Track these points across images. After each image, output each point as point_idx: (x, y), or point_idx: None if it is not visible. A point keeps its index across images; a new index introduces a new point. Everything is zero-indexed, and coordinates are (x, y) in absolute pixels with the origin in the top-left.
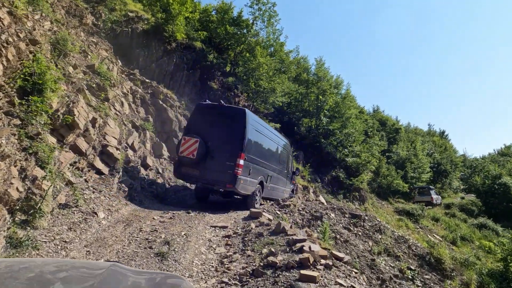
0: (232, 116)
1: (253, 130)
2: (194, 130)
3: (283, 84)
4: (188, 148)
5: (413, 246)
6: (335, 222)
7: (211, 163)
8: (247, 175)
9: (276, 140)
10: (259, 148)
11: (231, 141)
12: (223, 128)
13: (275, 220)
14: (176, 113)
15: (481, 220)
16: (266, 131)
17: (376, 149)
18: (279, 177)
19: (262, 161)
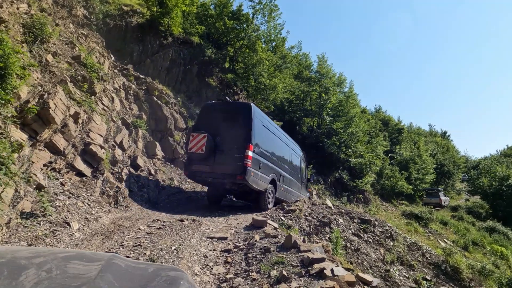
0: (239, 110)
1: (260, 124)
2: (202, 127)
3: (285, 81)
4: (197, 144)
5: (427, 254)
6: (344, 228)
7: (220, 157)
8: (257, 168)
9: (287, 142)
10: (268, 144)
11: (239, 134)
12: (230, 122)
13: (281, 230)
14: (172, 111)
15: (490, 223)
16: (276, 130)
17: (381, 149)
18: (292, 180)
19: (273, 158)
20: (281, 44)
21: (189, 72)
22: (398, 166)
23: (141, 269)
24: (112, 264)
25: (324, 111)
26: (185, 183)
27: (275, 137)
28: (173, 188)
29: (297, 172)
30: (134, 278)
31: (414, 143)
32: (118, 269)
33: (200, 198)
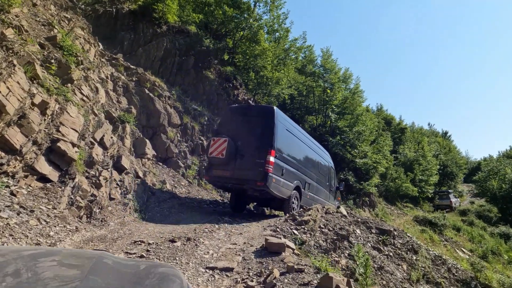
0: (261, 114)
1: (283, 129)
2: (223, 132)
3: (289, 75)
4: (217, 148)
5: (453, 269)
6: (362, 241)
7: (241, 162)
8: (279, 175)
9: (313, 147)
10: (292, 149)
11: (260, 139)
12: (252, 126)
13: (303, 255)
14: (165, 105)
15: (503, 228)
16: (301, 135)
17: (387, 149)
18: (319, 188)
19: (298, 164)
20: (285, 35)
21: (184, 64)
22: (402, 167)
23: (131, 267)
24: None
25: (329, 108)
26: (179, 187)
27: (300, 142)
28: (165, 193)
29: (325, 179)
30: (125, 276)
31: (417, 143)
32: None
33: (196, 204)
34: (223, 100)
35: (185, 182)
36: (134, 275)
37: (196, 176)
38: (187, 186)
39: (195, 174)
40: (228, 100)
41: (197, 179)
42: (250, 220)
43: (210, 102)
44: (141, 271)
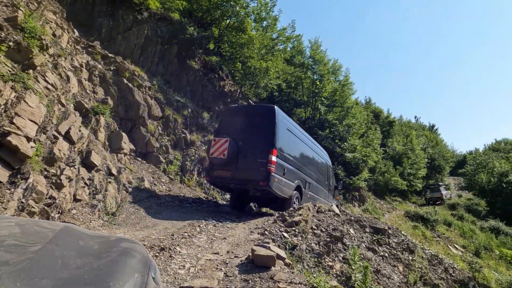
0: (262, 113)
1: (284, 128)
2: (224, 132)
3: (278, 65)
4: (219, 149)
5: (450, 269)
6: (357, 242)
7: (242, 162)
8: (281, 174)
9: (313, 147)
10: (293, 149)
11: (262, 138)
12: (253, 126)
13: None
14: (146, 96)
15: (493, 223)
16: (301, 134)
17: (377, 143)
18: (319, 187)
19: (298, 164)
20: (273, 23)
21: (167, 53)
22: (391, 160)
23: (95, 240)
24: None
25: (318, 100)
26: (159, 184)
27: (300, 141)
28: (142, 191)
29: (324, 178)
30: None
31: (406, 136)
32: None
33: (177, 203)
34: (208, 92)
35: (166, 179)
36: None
37: (178, 172)
38: (168, 183)
39: (178, 170)
40: (214, 92)
41: (180, 175)
42: (235, 221)
43: (194, 93)
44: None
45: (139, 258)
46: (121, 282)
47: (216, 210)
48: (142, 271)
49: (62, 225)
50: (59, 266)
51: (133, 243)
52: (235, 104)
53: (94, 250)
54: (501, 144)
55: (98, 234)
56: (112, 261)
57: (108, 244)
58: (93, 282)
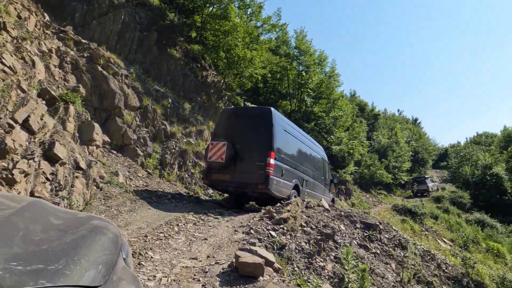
0: (258, 115)
1: (281, 129)
2: (221, 135)
3: (263, 54)
4: (216, 153)
5: (443, 265)
6: (348, 239)
7: (241, 165)
8: (279, 176)
9: (309, 145)
10: (290, 149)
11: (259, 141)
12: (250, 129)
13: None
14: (122, 84)
15: (477, 215)
16: (297, 133)
17: (363, 135)
18: (316, 183)
19: (295, 163)
20: (258, 11)
21: (146, 40)
22: (377, 153)
23: (65, 215)
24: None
25: (304, 92)
26: (135, 179)
27: (297, 140)
28: (115, 187)
29: (320, 174)
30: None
31: (390, 129)
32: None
33: (154, 199)
34: (189, 82)
35: (144, 173)
36: (65, 223)
37: (157, 166)
38: (146, 177)
39: (157, 164)
40: (196, 82)
41: (159, 169)
42: (218, 218)
43: (175, 83)
44: (74, 220)
45: (110, 236)
46: (87, 258)
47: (197, 206)
48: (112, 249)
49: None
50: (18, 238)
51: (105, 222)
52: (218, 95)
53: (62, 226)
54: (482, 138)
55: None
56: (80, 237)
57: (78, 221)
58: (56, 256)
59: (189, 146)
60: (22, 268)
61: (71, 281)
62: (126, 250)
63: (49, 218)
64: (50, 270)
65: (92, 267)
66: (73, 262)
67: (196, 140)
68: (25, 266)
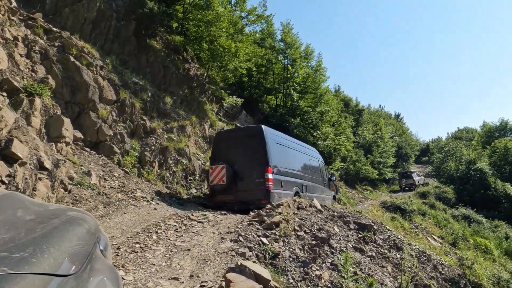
0: (251, 134)
1: (274, 143)
2: (218, 158)
3: (247, 46)
4: (217, 176)
5: (439, 266)
6: (343, 242)
7: (241, 184)
8: (279, 187)
9: (303, 150)
10: (286, 160)
11: (256, 159)
12: (244, 148)
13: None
14: (97, 76)
15: (463, 211)
16: (289, 142)
17: (350, 131)
18: (315, 186)
19: (293, 172)
20: (243, 0)
21: (123, 29)
22: (362, 149)
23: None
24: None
25: (291, 86)
26: (110, 179)
27: (290, 150)
28: (87, 188)
29: (318, 175)
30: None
31: (375, 125)
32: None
33: (132, 202)
34: (170, 74)
35: (120, 173)
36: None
37: (135, 164)
38: (122, 177)
39: (135, 162)
40: (177, 74)
41: (138, 167)
42: (203, 222)
43: (155, 75)
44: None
45: (85, 227)
46: (57, 246)
47: (179, 208)
48: (88, 240)
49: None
50: None
51: (82, 213)
52: (201, 89)
53: (36, 217)
54: (463, 133)
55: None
56: (53, 228)
57: (53, 212)
58: (23, 245)
59: (170, 143)
60: None
61: (37, 269)
62: (104, 242)
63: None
64: (14, 258)
65: (62, 256)
66: (41, 251)
67: (178, 136)
68: None
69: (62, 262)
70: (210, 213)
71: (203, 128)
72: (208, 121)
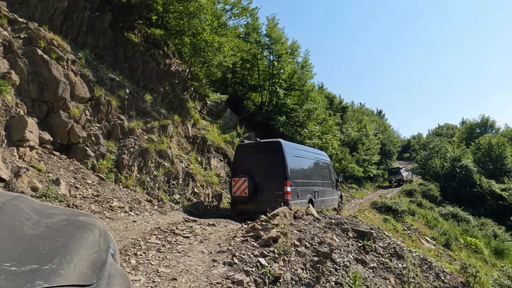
0: (271, 149)
1: (292, 156)
2: (240, 170)
3: (232, 40)
4: (240, 188)
5: (441, 274)
6: (344, 254)
7: (262, 195)
8: (296, 198)
9: (314, 157)
10: (301, 170)
11: (275, 173)
12: (265, 162)
13: None
14: (68, 71)
15: (451, 209)
16: (304, 152)
17: (336, 129)
18: (325, 189)
19: (307, 181)
20: None
21: (98, 21)
22: (347, 147)
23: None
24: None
25: (277, 82)
26: (82, 187)
27: (304, 159)
28: (53, 200)
29: (328, 179)
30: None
31: (359, 122)
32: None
33: (108, 213)
34: (150, 70)
35: (94, 179)
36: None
37: (112, 169)
38: (97, 184)
39: (112, 166)
40: (158, 70)
41: (115, 172)
42: (189, 237)
43: (134, 71)
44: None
45: (97, 232)
46: (79, 256)
47: (162, 218)
48: (101, 246)
49: (15, 194)
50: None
51: (91, 218)
52: (183, 86)
53: (50, 222)
54: (443, 129)
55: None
56: (69, 235)
57: (65, 217)
58: (48, 255)
59: (151, 144)
60: (17, 269)
61: (66, 280)
62: (113, 245)
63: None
64: (45, 270)
65: (85, 265)
66: (67, 262)
67: (159, 136)
68: (19, 267)
69: (85, 271)
70: (196, 225)
71: (186, 128)
72: (191, 120)
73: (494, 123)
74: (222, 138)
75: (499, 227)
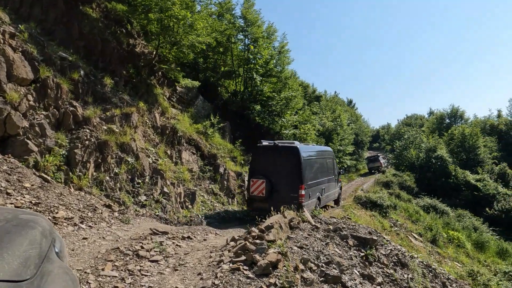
0: (288, 153)
1: (306, 161)
2: (258, 171)
3: (205, 18)
4: (257, 188)
5: (447, 282)
6: (349, 270)
7: (277, 196)
8: (308, 199)
9: (322, 155)
10: (313, 172)
11: (291, 176)
12: (282, 165)
13: None
14: (4, 46)
15: (429, 200)
16: (315, 153)
17: (314, 118)
18: (330, 185)
19: (317, 181)
20: None
21: None
22: (322, 137)
23: None
24: None
25: (253, 68)
26: (17, 193)
27: (316, 159)
28: None
29: (332, 174)
30: None
31: (332, 112)
32: None
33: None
34: (111, 49)
35: (35, 182)
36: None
37: (62, 167)
38: (39, 187)
39: (60, 163)
40: (120, 50)
41: (65, 171)
42: (159, 262)
43: (91, 50)
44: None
45: (39, 230)
46: (10, 252)
47: (121, 232)
48: (42, 243)
49: None
50: None
51: (34, 215)
52: (150, 69)
53: None
54: (412, 119)
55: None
56: (5, 232)
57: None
58: None
59: (111, 136)
60: None
61: None
62: (59, 243)
63: None
64: None
65: (17, 261)
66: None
67: (121, 127)
68: None
69: (16, 267)
70: (167, 239)
71: (153, 117)
72: (159, 108)
73: (463, 113)
74: (194, 128)
75: (476, 219)
